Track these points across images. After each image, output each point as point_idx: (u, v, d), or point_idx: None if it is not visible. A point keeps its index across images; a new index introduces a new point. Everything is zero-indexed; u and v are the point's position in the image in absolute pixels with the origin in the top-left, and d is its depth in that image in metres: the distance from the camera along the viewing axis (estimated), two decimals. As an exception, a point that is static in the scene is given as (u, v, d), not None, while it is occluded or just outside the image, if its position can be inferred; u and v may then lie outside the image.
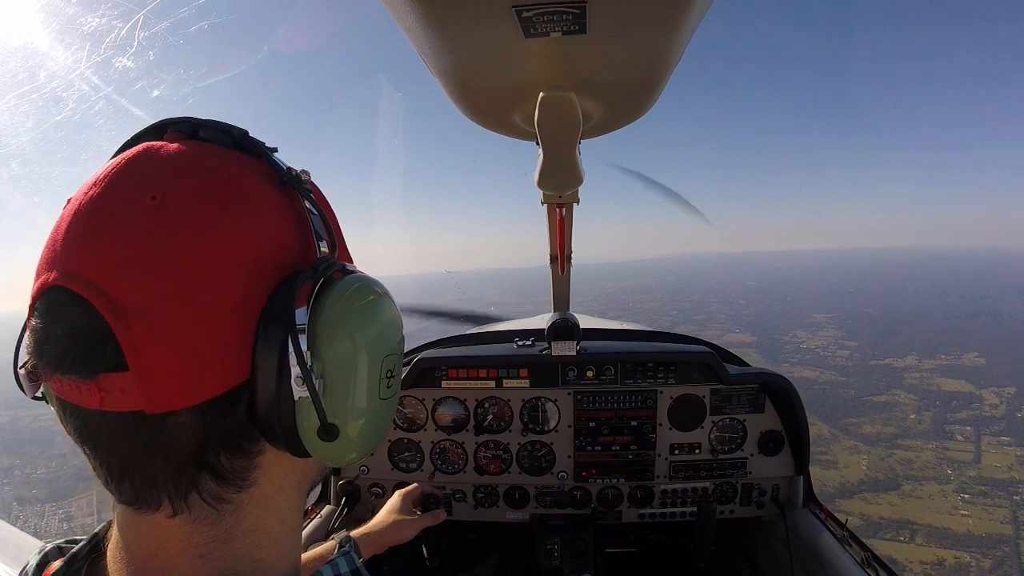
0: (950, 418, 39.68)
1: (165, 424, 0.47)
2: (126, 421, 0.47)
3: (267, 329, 0.48)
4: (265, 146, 0.56)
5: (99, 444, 0.49)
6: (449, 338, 2.76)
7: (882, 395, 44.99)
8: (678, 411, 2.27)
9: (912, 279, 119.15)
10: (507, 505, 2.39)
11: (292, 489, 0.60)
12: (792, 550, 2.08)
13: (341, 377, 0.53)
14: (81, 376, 0.46)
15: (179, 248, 0.46)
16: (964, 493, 30.54)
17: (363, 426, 0.56)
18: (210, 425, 0.49)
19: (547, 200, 1.44)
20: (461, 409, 2.33)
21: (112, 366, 0.45)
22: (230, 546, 0.53)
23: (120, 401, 0.46)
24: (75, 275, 0.46)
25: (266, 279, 0.50)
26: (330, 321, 0.52)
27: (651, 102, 0.86)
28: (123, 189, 0.48)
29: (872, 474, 32.97)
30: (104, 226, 0.47)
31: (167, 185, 0.48)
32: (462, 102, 0.85)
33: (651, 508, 2.35)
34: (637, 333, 2.84)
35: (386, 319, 0.58)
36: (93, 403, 0.46)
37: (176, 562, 0.52)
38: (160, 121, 0.55)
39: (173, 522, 0.51)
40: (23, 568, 0.59)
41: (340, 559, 0.64)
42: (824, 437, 36.73)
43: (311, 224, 0.55)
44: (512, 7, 0.55)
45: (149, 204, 0.47)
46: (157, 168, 0.49)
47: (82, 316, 0.45)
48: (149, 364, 0.45)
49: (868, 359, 53.63)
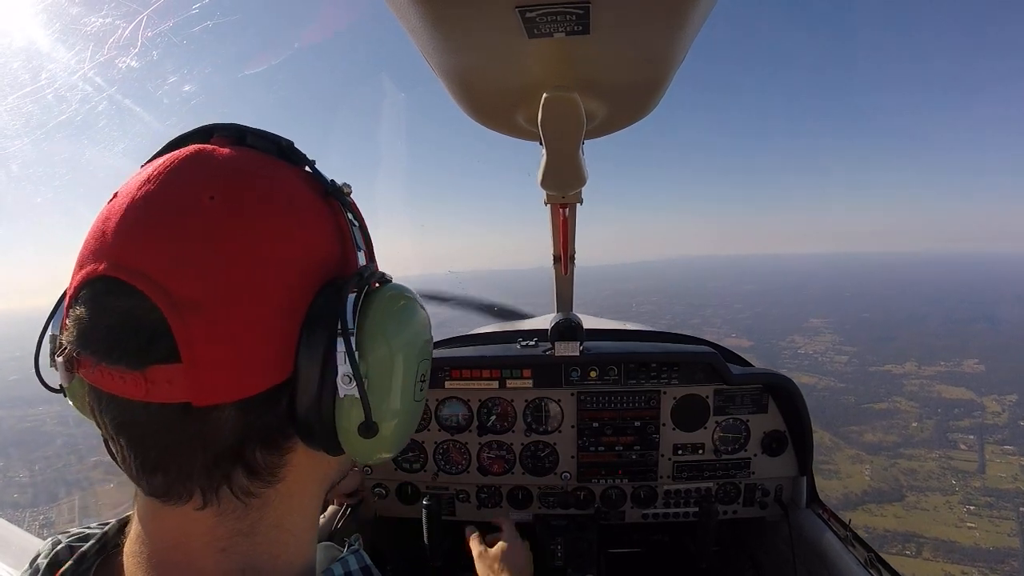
0: (952, 426, 39.31)
1: (209, 417, 0.48)
2: (170, 413, 0.48)
3: (313, 330, 0.51)
4: (307, 158, 0.58)
5: (138, 435, 0.50)
6: (452, 338, 2.75)
7: (883, 402, 44.57)
8: (681, 411, 2.27)
9: (908, 284, 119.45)
10: (510, 505, 2.38)
11: (315, 487, 0.61)
12: (795, 551, 2.07)
13: (382, 378, 0.55)
14: (131, 367, 0.46)
15: (236, 247, 0.48)
16: (970, 504, 30.11)
17: (396, 426, 0.58)
18: (251, 421, 0.50)
19: (550, 200, 1.43)
20: (464, 409, 2.32)
21: (164, 358, 0.46)
22: (252, 540, 0.55)
23: (167, 393, 0.46)
24: (128, 267, 0.46)
25: (312, 283, 0.52)
26: (375, 325, 0.55)
27: (654, 103, 0.87)
28: (182, 186, 0.49)
29: (876, 484, 32.49)
30: (162, 221, 0.47)
31: (225, 186, 0.50)
32: (465, 102, 0.85)
33: (654, 508, 2.35)
34: (640, 333, 2.82)
35: (421, 325, 0.61)
36: (138, 394, 0.47)
37: (198, 554, 0.53)
38: (207, 125, 0.56)
39: (200, 514, 0.52)
40: (33, 564, 0.59)
41: (350, 556, 0.64)
42: (826, 445, 36.22)
43: (352, 235, 0.58)
44: (516, 8, 0.55)
45: (207, 203, 0.48)
46: (212, 170, 0.51)
47: (135, 307, 0.46)
48: (200, 358, 0.46)
49: (867, 365, 53.25)
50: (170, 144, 0.55)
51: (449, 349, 2.49)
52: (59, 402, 0.55)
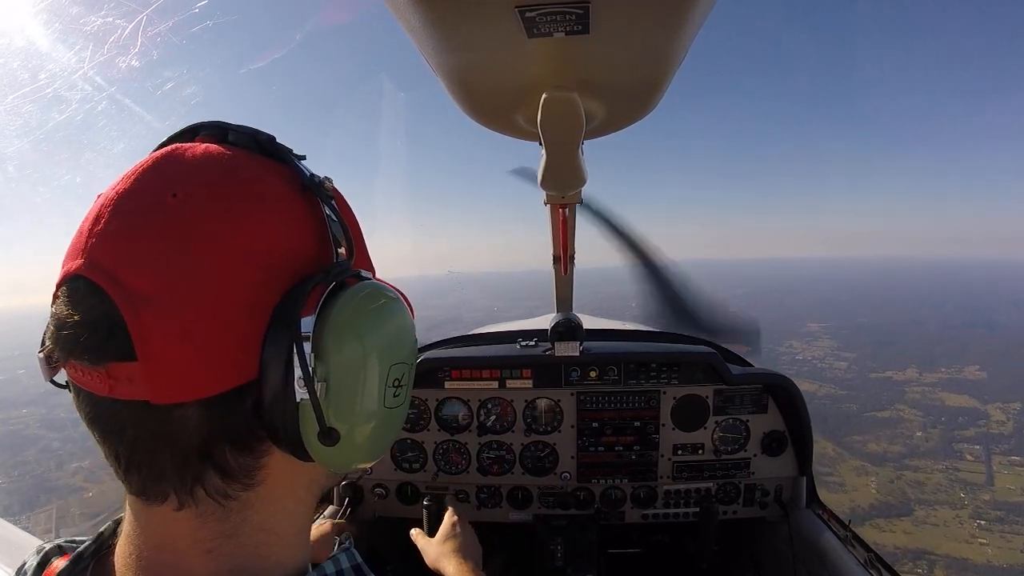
0: (957, 436, 38.62)
1: (171, 416, 0.48)
2: (133, 410, 0.48)
3: (276, 330, 0.49)
4: (291, 152, 0.57)
5: (106, 431, 0.50)
6: (452, 338, 2.75)
7: (885, 410, 43.82)
8: (681, 411, 2.27)
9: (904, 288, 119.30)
10: (510, 505, 2.38)
11: (302, 491, 0.60)
12: (795, 551, 2.07)
13: (344, 382, 0.52)
14: (92, 363, 0.47)
15: (192, 243, 0.47)
16: (980, 519, 29.35)
17: (366, 433, 0.55)
18: (215, 420, 0.49)
19: (550, 200, 1.44)
20: (464, 409, 2.34)
21: (121, 355, 0.46)
22: (237, 542, 0.54)
23: (128, 390, 0.47)
24: (96, 265, 0.47)
25: (281, 280, 0.50)
26: (336, 325, 0.51)
27: (654, 103, 0.87)
28: (147, 185, 0.50)
29: (883, 498, 31.64)
30: (125, 219, 0.48)
31: (187, 183, 0.50)
32: (465, 102, 0.85)
33: (654, 509, 2.34)
34: (640, 333, 2.83)
35: (396, 327, 0.58)
36: (103, 390, 0.47)
37: (185, 556, 0.53)
38: (193, 125, 0.57)
39: (180, 515, 0.52)
40: (20, 567, 0.59)
41: (341, 555, 0.63)
42: (829, 456, 35.23)
43: (330, 230, 0.56)
44: (515, 7, 0.55)
45: (170, 201, 0.48)
46: (180, 167, 0.51)
47: (98, 304, 0.47)
48: (157, 354, 0.46)
49: (867, 371, 52.44)
50: (160, 145, 0.55)
51: (449, 349, 2.50)
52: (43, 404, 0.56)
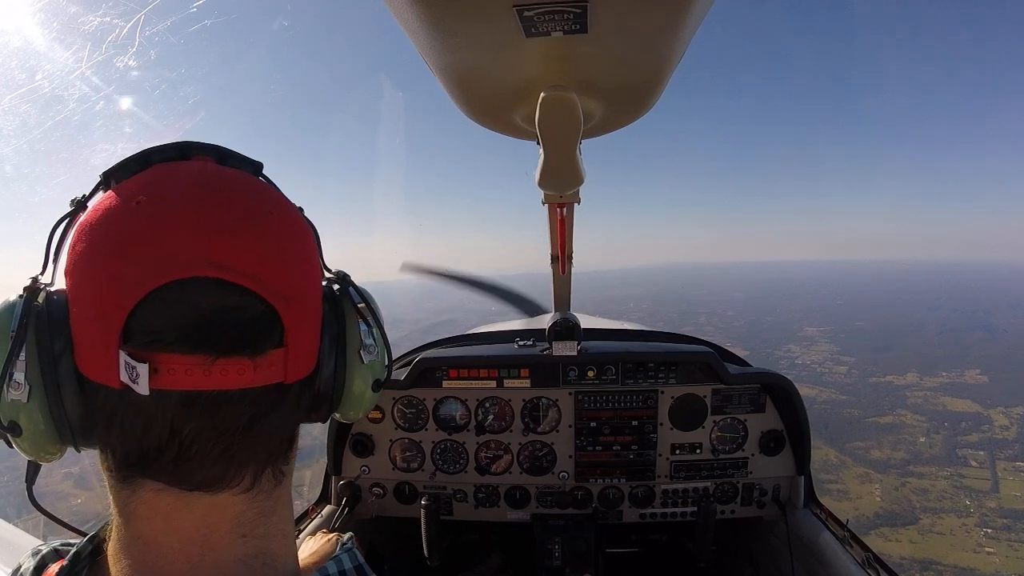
0: (961, 441, 38.03)
1: (290, 392, 0.57)
2: (263, 392, 0.53)
3: (334, 315, 0.63)
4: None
5: (217, 421, 0.51)
6: (450, 338, 2.77)
7: (887, 415, 43.22)
8: (679, 411, 2.28)
9: (901, 292, 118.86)
10: (508, 505, 2.39)
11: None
12: (793, 550, 2.07)
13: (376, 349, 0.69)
14: (253, 354, 0.51)
15: (298, 248, 0.58)
16: (987, 527, 28.82)
17: None
18: (304, 397, 0.60)
19: (548, 200, 1.44)
20: (462, 409, 2.34)
21: (276, 344, 0.54)
22: (270, 521, 0.57)
23: (268, 375, 0.53)
24: (224, 266, 0.49)
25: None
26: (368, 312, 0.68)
27: (652, 102, 0.87)
28: (246, 200, 0.54)
29: (887, 506, 31.05)
30: (244, 227, 0.52)
31: (271, 204, 0.57)
32: (463, 102, 0.85)
33: (652, 508, 2.35)
34: (638, 333, 2.85)
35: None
36: (243, 381, 0.51)
37: (216, 544, 0.54)
38: (183, 142, 0.57)
39: (236, 498, 0.54)
40: (16, 569, 0.60)
41: (343, 555, 0.64)
42: (832, 463, 34.59)
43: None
44: (513, 6, 0.56)
45: (271, 215, 0.55)
46: (253, 189, 0.57)
47: (250, 302, 0.51)
48: (295, 340, 0.55)
49: (867, 376, 51.91)
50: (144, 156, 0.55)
51: (446, 349, 2.52)
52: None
